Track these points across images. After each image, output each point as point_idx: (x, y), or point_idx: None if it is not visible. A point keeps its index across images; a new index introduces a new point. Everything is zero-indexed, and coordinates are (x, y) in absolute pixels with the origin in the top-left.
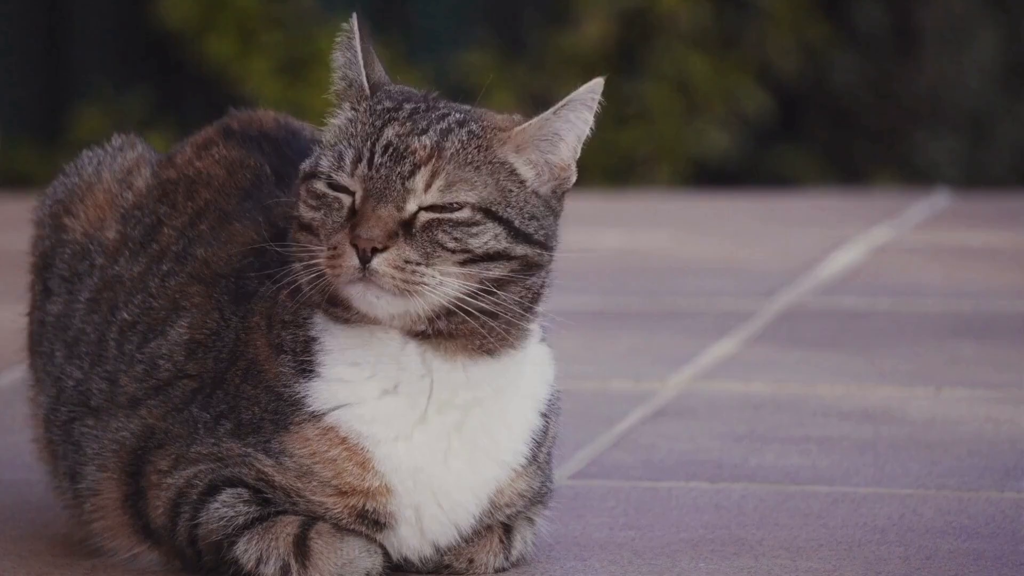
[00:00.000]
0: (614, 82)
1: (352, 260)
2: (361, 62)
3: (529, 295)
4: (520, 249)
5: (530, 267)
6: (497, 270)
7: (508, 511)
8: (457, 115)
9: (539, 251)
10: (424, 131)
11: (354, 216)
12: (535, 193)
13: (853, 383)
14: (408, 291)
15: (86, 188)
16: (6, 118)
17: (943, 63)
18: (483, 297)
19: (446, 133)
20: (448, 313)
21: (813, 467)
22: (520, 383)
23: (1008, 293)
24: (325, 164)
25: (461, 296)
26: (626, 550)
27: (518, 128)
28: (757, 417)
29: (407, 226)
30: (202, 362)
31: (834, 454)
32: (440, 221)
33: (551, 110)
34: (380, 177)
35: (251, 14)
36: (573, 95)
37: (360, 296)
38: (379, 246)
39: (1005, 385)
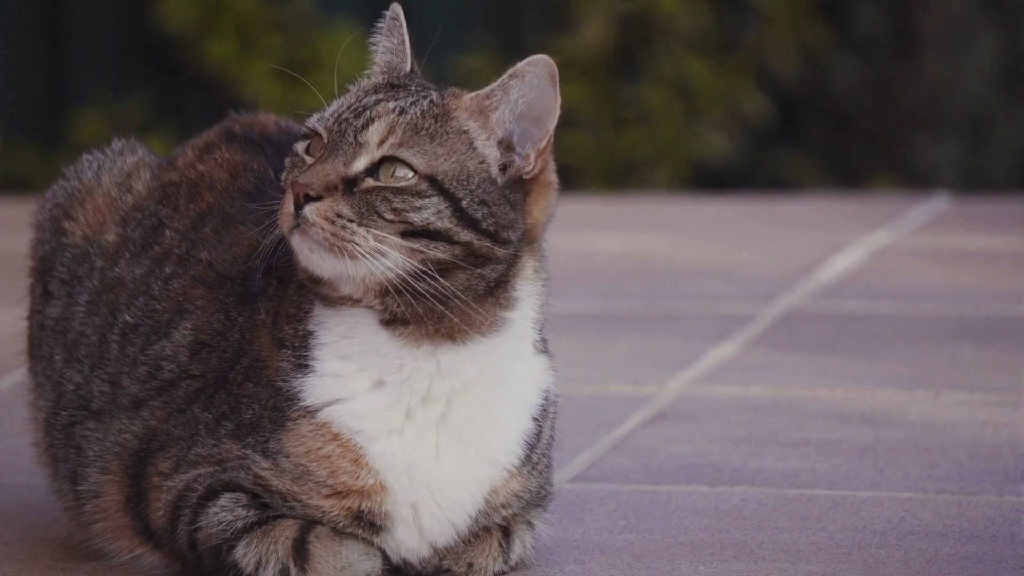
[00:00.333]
0: (614, 86)
1: (289, 206)
2: (408, 47)
3: (484, 284)
4: (465, 235)
5: (477, 256)
6: (439, 251)
7: (504, 512)
8: (432, 93)
9: (488, 243)
10: (395, 100)
11: None
12: (491, 179)
13: (853, 387)
14: (338, 247)
15: (86, 192)
16: (5, 121)
17: (942, 66)
18: (425, 280)
19: (413, 104)
20: (397, 291)
21: (813, 471)
22: (506, 378)
23: (1007, 296)
24: (315, 117)
25: (402, 274)
26: (626, 553)
27: (474, 92)
28: (756, 420)
29: (350, 184)
30: (206, 362)
31: (834, 457)
32: (382, 188)
33: (500, 78)
34: (338, 131)
35: (251, 17)
36: (516, 66)
37: (299, 247)
38: (312, 193)
39: (1004, 388)
